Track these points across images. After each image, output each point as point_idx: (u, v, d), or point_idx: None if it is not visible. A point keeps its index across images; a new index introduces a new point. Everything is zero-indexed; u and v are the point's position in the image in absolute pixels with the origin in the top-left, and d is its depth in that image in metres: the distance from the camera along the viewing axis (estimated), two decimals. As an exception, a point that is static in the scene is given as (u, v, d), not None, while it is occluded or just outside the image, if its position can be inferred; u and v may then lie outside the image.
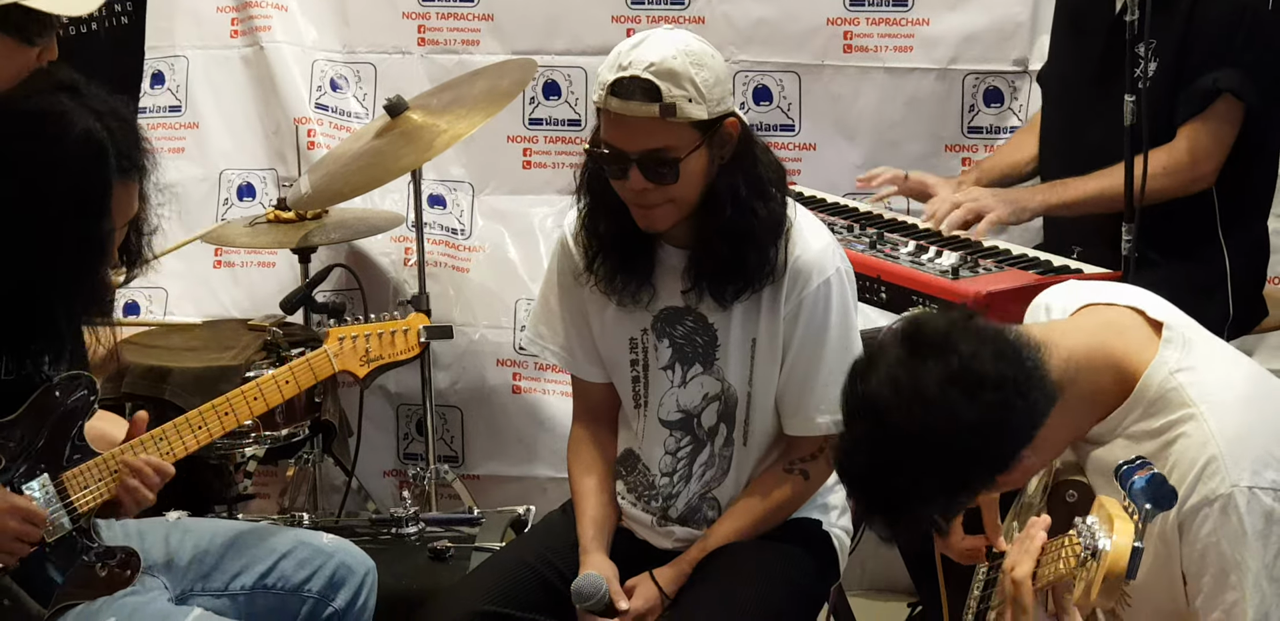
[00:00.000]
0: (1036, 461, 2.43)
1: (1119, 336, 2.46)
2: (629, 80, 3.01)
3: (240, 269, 5.11)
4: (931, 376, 2.32)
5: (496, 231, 5.05)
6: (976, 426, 2.30)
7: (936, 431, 2.30)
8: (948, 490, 2.37)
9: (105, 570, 2.98)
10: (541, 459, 4.98)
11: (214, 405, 3.12)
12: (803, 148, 4.87)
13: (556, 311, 3.40)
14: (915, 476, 2.33)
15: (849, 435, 2.41)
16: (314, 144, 4.98)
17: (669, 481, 3.34)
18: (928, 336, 2.37)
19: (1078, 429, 2.47)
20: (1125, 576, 2.09)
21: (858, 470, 2.42)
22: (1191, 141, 3.76)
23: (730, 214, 3.12)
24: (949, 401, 2.30)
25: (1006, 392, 2.31)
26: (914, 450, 2.32)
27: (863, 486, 2.44)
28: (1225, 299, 3.89)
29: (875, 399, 2.36)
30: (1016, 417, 2.32)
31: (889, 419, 2.33)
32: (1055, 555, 2.26)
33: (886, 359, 2.38)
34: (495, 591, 3.25)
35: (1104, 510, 2.16)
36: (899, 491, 2.36)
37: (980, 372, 2.31)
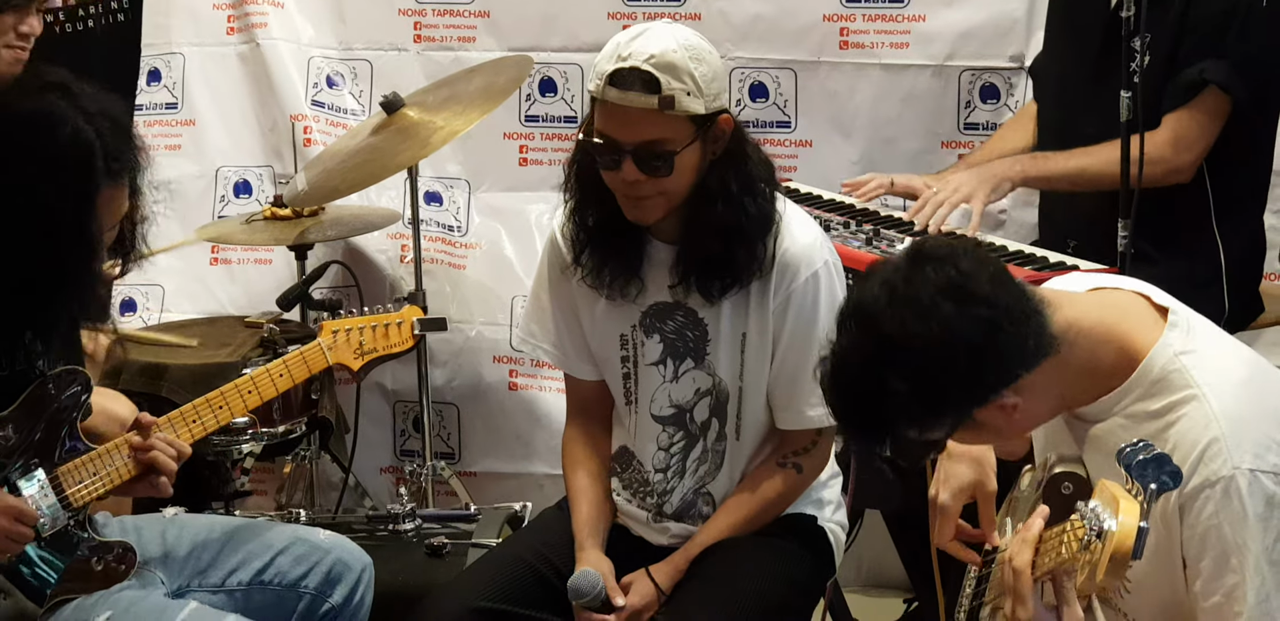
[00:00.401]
0: (1019, 408, 2.41)
1: (1125, 316, 2.46)
2: (629, 71, 3.01)
3: (237, 266, 5.11)
4: (926, 284, 2.33)
5: (493, 228, 5.06)
6: (964, 340, 2.31)
7: (924, 339, 2.31)
8: (926, 406, 2.36)
9: (101, 564, 2.98)
10: (538, 455, 4.99)
11: (208, 399, 3.13)
12: (799, 144, 4.87)
13: (548, 309, 3.40)
14: (897, 388, 2.32)
15: (839, 342, 2.42)
16: (310, 141, 4.98)
17: (663, 477, 3.34)
18: (931, 250, 2.39)
19: (1066, 396, 2.47)
20: (1131, 556, 2.09)
21: (843, 379, 2.41)
22: (1174, 131, 3.76)
23: (720, 210, 3.12)
24: (939, 309, 2.31)
25: (998, 314, 2.32)
26: (898, 356, 2.32)
27: (846, 397, 2.43)
28: (1220, 294, 3.89)
29: (866, 301, 2.38)
30: (1003, 343, 2.33)
31: (876, 320, 2.34)
32: (1055, 542, 2.26)
33: (886, 268, 2.39)
34: (492, 587, 3.25)
35: (1107, 492, 2.16)
36: (878, 401, 2.36)
37: (974, 288, 2.33)
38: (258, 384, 3.21)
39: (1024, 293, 2.38)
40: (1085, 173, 3.79)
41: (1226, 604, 2.33)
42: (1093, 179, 3.76)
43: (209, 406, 3.12)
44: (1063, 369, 2.40)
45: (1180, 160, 3.77)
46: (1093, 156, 3.78)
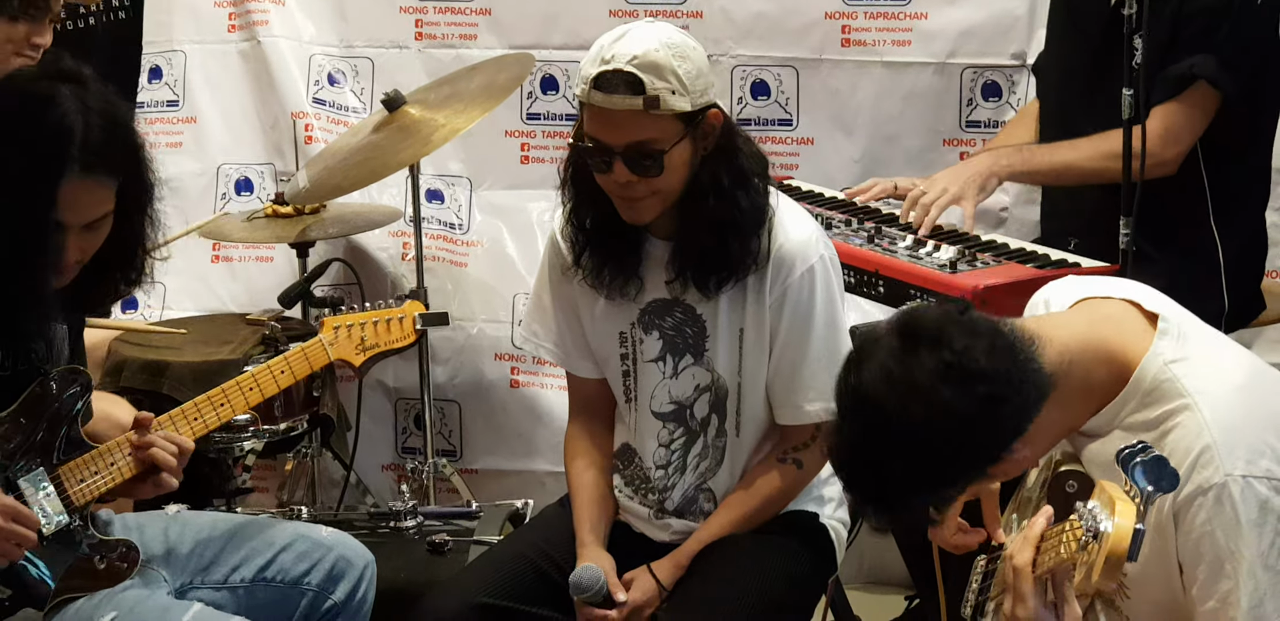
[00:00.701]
0: (1030, 453, 2.43)
1: (1114, 329, 2.46)
2: (612, 73, 3.01)
3: (238, 263, 5.12)
4: (924, 369, 2.32)
5: (494, 226, 5.06)
6: (968, 419, 2.31)
7: (928, 424, 2.30)
8: (939, 482, 2.38)
9: (104, 563, 2.98)
10: (539, 453, 4.99)
11: (209, 396, 3.12)
12: (801, 142, 4.87)
13: (549, 308, 3.41)
14: (906, 468, 2.33)
15: (842, 427, 2.42)
16: (311, 138, 4.99)
17: (664, 474, 3.34)
18: (921, 329, 2.37)
19: (1072, 421, 2.48)
20: (1127, 557, 2.10)
21: (851, 462, 2.42)
22: (1161, 124, 3.75)
23: (713, 204, 3.13)
24: (941, 394, 2.30)
25: (998, 386, 2.32)
26: (905, 442, 2.32)
27: (856, 478, 2.44)
28: (1220, 292, 3.89)
29: (867, 391, 2.36)
30: (1008, 410, 2.33)
31: (880, 411, 2.34)
32: (1055, 542, 2.27)
33: (879, 351, 2.38)
34: (493, 584, 3.26)
35: (1105, 494, 2.17)
36: (891, 483, 2.37)
37: (973, 366, 2.32)
38: (259, 380, 3.20)
39: (1015, 347, 2.37)
40: (1071, 167, 3.80)
41: (1222, 609, 2.33)
42: (1079, 173, 3.77)
43: (210, 404, 3.12)
44: (1062, 400, 2.41)
45: (1166, 154, 3.76)
46: (1078, 151, 3.79)
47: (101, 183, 2.79)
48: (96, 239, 2.85)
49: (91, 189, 2.78)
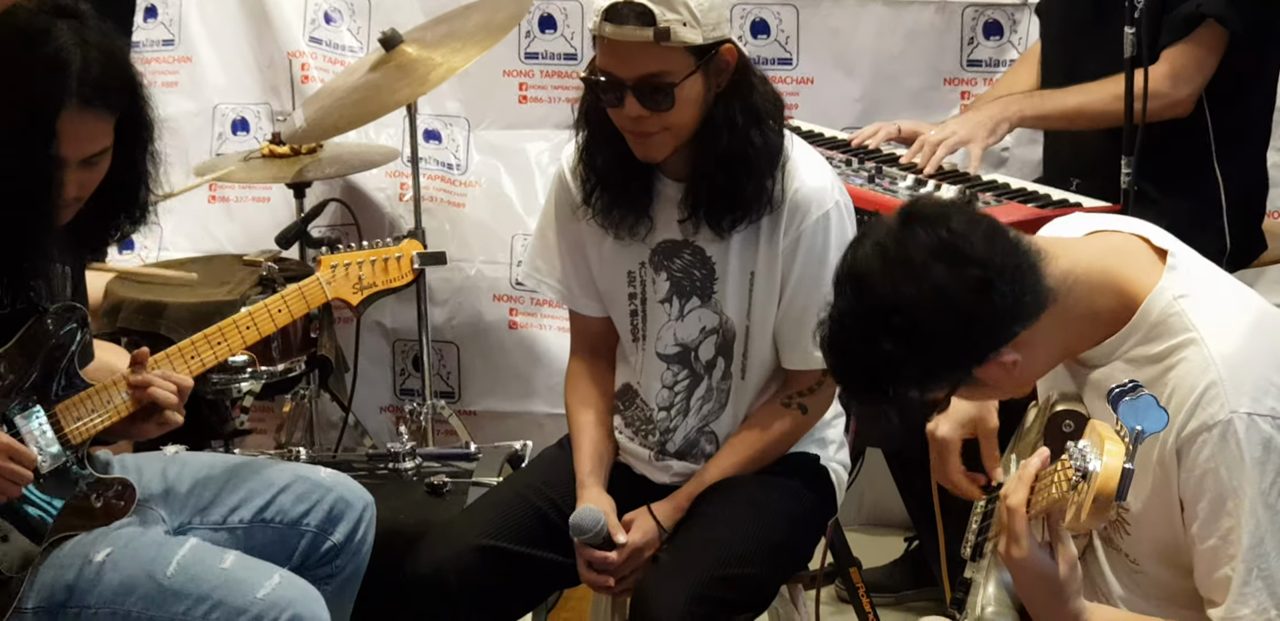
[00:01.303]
0: (1023, 366, 2.40)
1: (1123, 260, 2.45)
2: (623, 5, 3.00)
3: (235, 204, 5.10)
4: (918, 246, 2.32)
5: (492, 166, 5.03)
6: (957, 302, 2.30)
7: (916, 303, 2.30)
8: (923, 368, 2.36)
9: (101, 501, 2.98)
10: (538, 394, 4.99)
11: (206, 335, 3.11)
12: (800, 81, 4.84)
13: (554, 245, 3.39)
14: (891, 349, 2.31)
15: (834, 304, 2.41)
16: (308, 78, 4.96)
17: (666, 415, 3.33)
18: (922, 210, 2.38)
19: (1068, 345, 2.46)
20: (1115, 497, 2.09)
21: (839, 341, 2.41)
22: (1172, 66, 3.75)
23: (726, 143, 3.11)
24: (932, 271, 2.30)
25: (992, 272, 2.31)
26: (892, 319, 2.31)
27: (842, 358, 2.43)
28: (1222, 232, 3.89)
29: (860, 265, 2.36)
30: (999, 302, 2.31)
31: (871, 285, 2.34)
32: (1049, 482, 2.26)
33: (878, 230, 2.38)
34: (493, 526, 3.26)
35: (1095, 433, 2.16)
36: (875, 365, 2.35)
37: (967, 249, 2.31)
38: (256, 319, 3.19)
39: (1018, 247, 2.36)
40: (1083, 111, 3.79)
41: (1222, 546, 2.33)
42: (1091, 116, 3.76)
43: (207, 342, 3.10)
44: (1062, 318, 2.39)
45: (1179, 94, 3.77)
46: (1089, 94, 3.77)
47: (100, 116, 2.78)
48: (96, 175, 2.84)
49: (90, 122, 2.77)
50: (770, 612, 3.43)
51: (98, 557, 2.92)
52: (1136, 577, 2.51)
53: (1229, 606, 2.33)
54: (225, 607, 2.89)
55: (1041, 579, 2.30)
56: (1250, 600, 2.32)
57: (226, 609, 2.89)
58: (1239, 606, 2.32)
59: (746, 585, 3.14)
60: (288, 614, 2.90)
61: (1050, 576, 2.29)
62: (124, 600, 2.90)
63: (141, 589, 2.90)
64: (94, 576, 2.90)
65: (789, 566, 3.34)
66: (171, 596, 2.90)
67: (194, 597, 2.90)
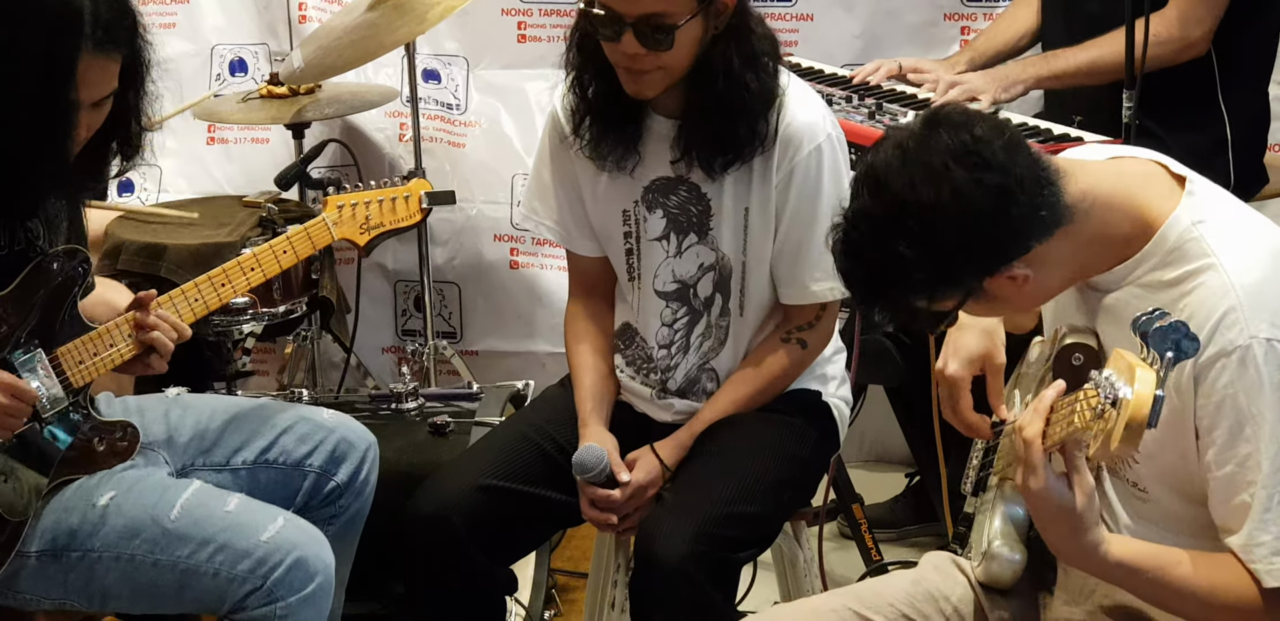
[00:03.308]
0: (1030, 281, 2.40)
1: (1142, 184, 2.43)
2: None
3: (234, 145, 5.08)
4: (940, 149, 2.31)
5: (492, 106, 5.01)
6: (974, 207, 2.29)
7: (931, 202, 2.29)
8: (935, 273, 2.34)
9: (103, 444, 2.99)
10: (540, 334, 5.00)
11: (209, 276, 3.09)
12: (800, 18, 4.81)
13: (549, 185, 3.38)
14: (905, 250, 2.30)
15: (850, 205, 2.40)
16: (305, 17, 4.93)
17: (666, 353, 3.33)
18: (947, 116, 2.36)
19: (1081, 266, 2.45)
20: (1147, 424, 2.08)
21: (851, 241, 2.39)
22: (1181, 8, 3.74)
23: (721, 86, 3.09)
24: (951, 175, 2.29)
25: (1010, 181, 2.30)
26: (907, 221, 2.30)
27: (854, 260, 2.41)
28: (1226, 165, 3.88)
29: (879, 166, 2.35)
30: (1015, 212, 2.30)
31: (889, 186, 2.32)
32: (1067, 412, 2.25)
33: (901, 133, 2.37)
34: (496, 465, 3.27)
35: (1122, 361, 2.15)
36: (887, 267, 2.34)
37: (988, 155, 2.30)
38: (261, 261, 3.17)
39: (1039, 161, 2.35)
40: (1098, 64, 3.77)
41: (1240, 473, 2.32)
42: (1105, 70, 3.73)
43: (211, 284, 3.09)
44: (1077, 238, 2.38)
45: (1192, 35, 3.75)
46: (1102, 47, 3.75)
47: (111, 58, 2.79)
48: (101, 115, 2.85)
49: (104, 65, 2.78)
50: (773, 549, 3.44)
51: (101, 501, 2.93)
52: (1143, 506, 2.51)
53: (1249, 533, 2.32)
54: (229, 551, 2.91)
55: (1059, 510, 2.30)
56: (1271, 526, 2.30)
57: (231, 552, 2.90)
58: (1260, 533, 2.31)
59: (750, 522, 3.15)
60: (292, 556, 2.92)
61: (1068, 507, 2.29)
62: (128, 544, 2.91)
63: (146, 532, 2.91)
64: (98, 520, 2.92)
65: (792, 503, 3.35)
66: (176, 540, 2.91)
67: (198, 541, 2.91)
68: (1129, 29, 3.41)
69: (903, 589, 2.71)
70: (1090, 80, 3.83)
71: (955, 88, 3.89)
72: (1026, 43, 4.21)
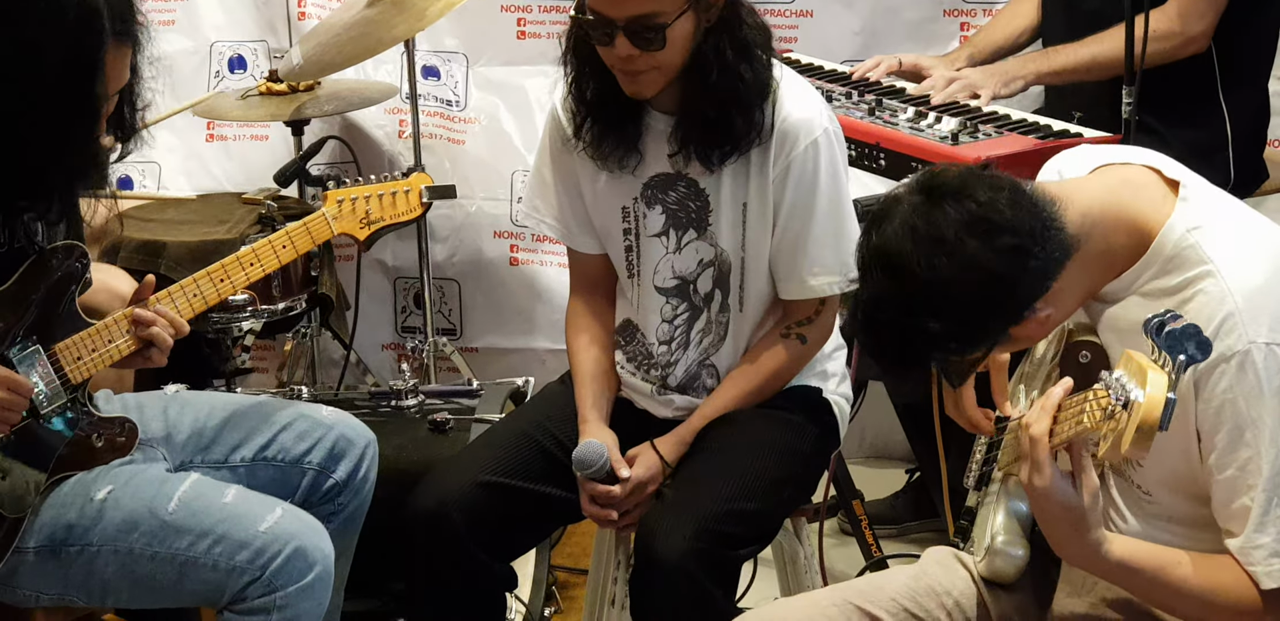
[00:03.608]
0: (1053, 314, 2.41)
1: (1135, 194, 2.43)
2: None
3: (233, 142, 5.08)
4: (948, 222, 2.31)
5: (491, 103, 5.01)
6: (994, 273, 2.29)
7: (954, 278, 2.29)
8: (962, 340, 2.36)
9: (102, 440, 2.99)
10: (540, 330, 5.00)
11: (209, 272, 3.09)
12: (800, 14, 4.81)
13: (550, 183, 3.38)
14: (931, 326, 2.31)
15: (864, 286, 2.40)
16: (305, 14, 4.93)
17: (667, 349, 3.33)
18: (944, 184, 2.36)
19: (1092, 285, 2.46)
20: (1158, 427, 2.08)
21: (873, 322, 2.40)
22: (1182, 4, 3.74)
23: (716, 78, 3.09)
24: (967, 247, 2.29)
25: (1024, 238, 2.30)
26: (931, 298, 2.31)
27: (880, 340, 2.42)
28: (1226, 161, 3.88)
29: (891, 247, 2.34)
30: (1032, 265, 2.31)
31: (905, 266, 2.32)
32: (1075, 411, 2.26)
33: (901, 209, 2.37)
34: (496, 462, 3.26)
35: (1133, 363, 2.15)
36: (914, 342, 2.35)
37: (998, 218, 2.31)
38: (260, 256, 3.16)
39: (1038, 204, 2.35)
40: (1098, 60, 3.76)
41: (1241, 477, 2.32)
42: (1105, 65, 3.72)
43: (210, 279, 3.08)
44: (1084, 261, 2.39)
45: (1193, 30, 3.75)
46: (1103, 43, 3.75)
47: (126, 48, 2.82)
48: (112, 105, 2.87)
49: (122, 56, 2.81)
50: (774, 546, 3.44)
51: (99, 495, 2.93)
52: (1149, 508, 2.51)
53: (1248, 535, 2.33)
54: (228, 542, 2.91)
55: (1063, 508, 2.30)
56: (1269, 529, 2.31)
57: (229, 543, 2.91)
58: (1259, 535, 2.32)
59: (750, 519, 3.14)
60: (291, 546, 2.92)
61: (1073, 506, 2.30)
62: (126, 537, 2.91)
63: (144, 525, 2.91)
64: (95, 514, 2.91)
65: (792, 500, 3.34)
66: (174, 532, 2.91)
67: (196, 532, 2.91)
68: (1129, 25, 3.41)
69: (904, 583, 2.71)
70: (1090, 76, 3.83)
71: (955, 83, 3.89)
72: (1026, 39, 4.21)
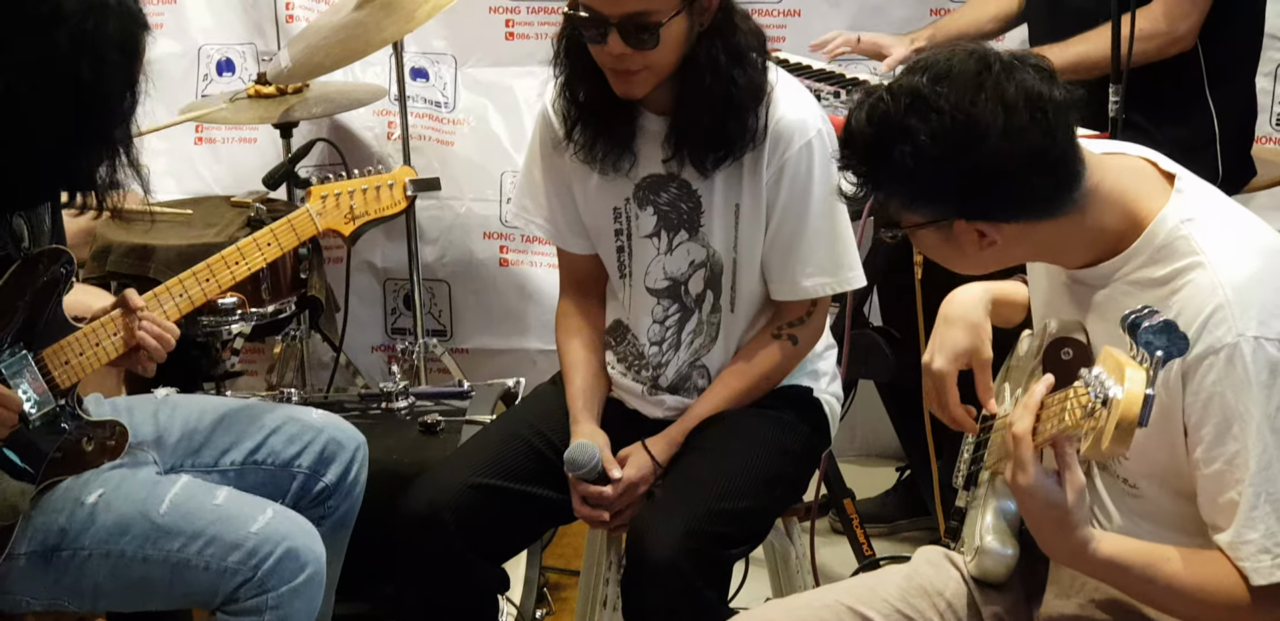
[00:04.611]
0: (990, 250, 2.41)
1: (1135, 181, 2.43)
2: None
3: (222, 145, 5.08)
4: (1023, 86, 2.30)
5: (480, 104, 5.02)
6: (1005, 152, 2.29)
7: (981, 123, 2.28)
8: (926, 180, 2.34)
9: (92, 444, 2.98)
10: (530, 331, 5.00)
11: (194, 272, 3.08)
12: (787, 14, 4.82)
13: (540, 184, 3.38)
14: (921, 141, 2.29)
15: (902, 79, 2.37)
16: (293, 17, 4.93)
17: (658, 350, 3.33)
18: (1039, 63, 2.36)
19: (1056, 252, 2.46)
20: (1137, 423, 2.08)
21: (882, 104, 2.36)
22: (1167, 3, 3.74)
23: (710, 82, 3.09)
24: (1016, 114, 2.28)
25: (1048, 155, 2.31)
26: (945, 120, 2.28)
27: (869, 121, 2.37)
28: (1214, 158, 3.88)
29: (955, 62, 2.33)
30: (1035, 182, 2.32)
31: (954, 81, 2.31)
32: (1057, 409, 2.25)
33: (985, 48, 2.36)
34: (487, 463, 3.26)
35: (1111, 359, 2.14)
36: (893, 144, 2.32)
37: (1055, 121, 2.31)
38: (245, 254, 3.15)
39: (1079, 152, 2.36)
40: (1085, 59, 3.75)
41: (1228, 470, 2.32)
42: (1092, 65, 3.71)
43: (196, 279, 3.07)
44: (1067, 228, 2.38)
45: (1179, 29, 3.75)
46: (1089, 42, 3.75)
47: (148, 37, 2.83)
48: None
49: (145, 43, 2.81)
50: (765, 546, 3.44)
51: (89, 499, 2.92)
52: (1135, 503, 2.51)
53: (1236, 530, 2.32)
54: (220, 543, 2.90)
55: (1049, 506, 2.30)
56: (1258, 524, 2.30)
57: (221, 544, 2.90)
58: (1247, 530, 2.31)
59: (742, 519, 3.15)
60: (282, 547, 2.91)
61: (1058, 503, 2.29)
62: (118, 540, 2.90)
63: (135, 528, 2.91)
64: (86, 518, 2.91)
65: (784, 499, 3.35)
66: (165, 534, 2.91)
67: (188, 534, 2.91)
68: (1115, 24, 3.41)
69: (896, 584, 2.71)
70: (1078, 76, 3.82)
71: None
72: (993, 28, 4.22)
